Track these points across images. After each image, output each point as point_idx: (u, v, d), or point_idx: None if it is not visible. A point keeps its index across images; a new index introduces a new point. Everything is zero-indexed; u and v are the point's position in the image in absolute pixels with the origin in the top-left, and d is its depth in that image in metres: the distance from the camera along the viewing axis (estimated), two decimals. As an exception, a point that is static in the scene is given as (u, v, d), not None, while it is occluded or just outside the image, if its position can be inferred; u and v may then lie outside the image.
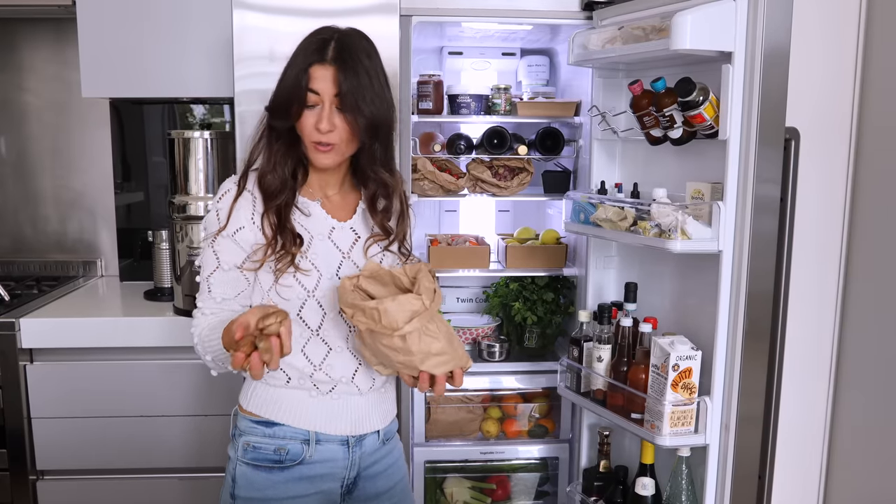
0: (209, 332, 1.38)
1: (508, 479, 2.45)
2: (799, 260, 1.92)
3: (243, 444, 1.44)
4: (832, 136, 1.93)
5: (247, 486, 1.42)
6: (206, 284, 1.43)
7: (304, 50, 1.39)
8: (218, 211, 1.43)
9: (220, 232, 1.41)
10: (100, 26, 2.11)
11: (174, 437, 2.11)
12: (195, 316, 1.44)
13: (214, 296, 1.42)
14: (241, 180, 1.44)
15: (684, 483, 1.81)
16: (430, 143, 2.33)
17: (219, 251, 1.41)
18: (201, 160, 2.14)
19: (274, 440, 1.42)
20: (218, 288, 1.42)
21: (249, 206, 1.42)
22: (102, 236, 2.68)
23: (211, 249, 1.42)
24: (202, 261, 1.44)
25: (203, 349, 1.40)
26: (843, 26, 1.89)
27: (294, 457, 1.42)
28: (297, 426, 1.43)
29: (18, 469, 2.08)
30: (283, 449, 1.42)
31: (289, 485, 1.42)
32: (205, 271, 1.43)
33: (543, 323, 2.41)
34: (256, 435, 1.43)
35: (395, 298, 1.30)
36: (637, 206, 1.79)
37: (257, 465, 1.42)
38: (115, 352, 2.08)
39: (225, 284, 1.42)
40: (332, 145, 1.39)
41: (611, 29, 1.85)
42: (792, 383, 1.97)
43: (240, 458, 1.43)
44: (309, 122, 1.37)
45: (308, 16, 1.91)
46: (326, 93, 1.36)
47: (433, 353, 1.33)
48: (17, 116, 2.63)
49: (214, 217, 1.43)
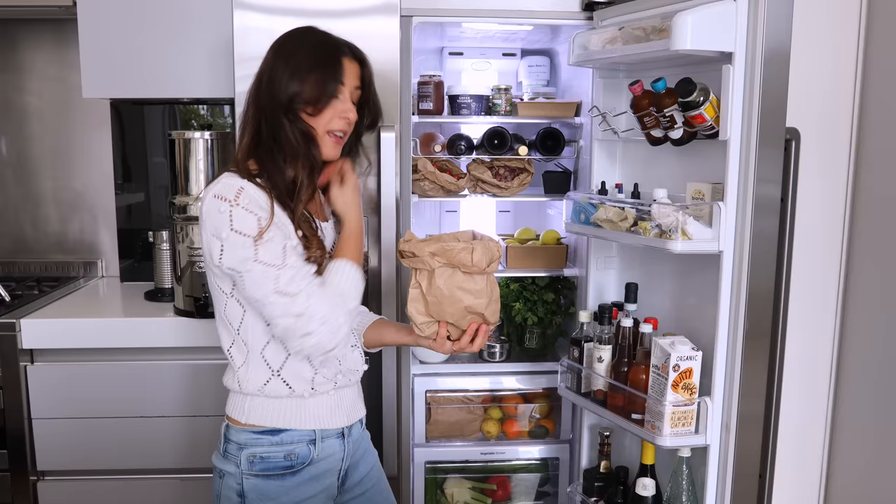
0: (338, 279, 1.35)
1: (509, 480, 2.45)
2: (799, 260, 1.92)
3: (248, 456, 1.40)
4: (833, 136, 1.93)
5: (259, 498, 1.40)
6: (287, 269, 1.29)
7: (324, 46, 1.39)
8: (246, 208, 1.29)
9: (267, 224, 1.29)
10: (100, 27, 2.11)
11: (175, 437, 2.11)
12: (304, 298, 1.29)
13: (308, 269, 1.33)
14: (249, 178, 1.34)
15: (685, 483, 1.81)
16: (430, 144, 2.33)
17: (274, 236, 1.30)
18: (202, 161, 2.14)
19: (282, 447, 1.41)
20: (300, 261, 1.33)
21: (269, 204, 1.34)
22: (103, 237, 2.68)
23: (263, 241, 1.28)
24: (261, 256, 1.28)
25: (342, 308, 1.34)
26: (844, 26, 1.89)
27: (303, 459, 1.42)
28: (304, 427, 1.42)
29: (19, 469, 2.08)
30: (292, 454, 1.41)
31: (300, 488, 1.42)
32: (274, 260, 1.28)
33: (544, 323, 2.41)
34: (263, 445, 1.40)
35: (482, 241, 1.41)
36: (638, 206, 1.79)
37: (268, 475, 1.40)
38: (116, 352, 2.08)
39: (300, 257, 1.34)
40: (345, 135, 1.43)
41: (611, 29, 1.85)
42: (792, 383, 1.97)
43: (246, 472, 1.40)
44: (335, 112, 1.38)
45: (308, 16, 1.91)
46: (350, 85, 1.41)
47: (494, 298, 1.45)
48: (18, 117, 2.63)
49: (245, 214, 1.29)
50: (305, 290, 1.30)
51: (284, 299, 1.28)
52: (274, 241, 1.30)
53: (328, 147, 1.41)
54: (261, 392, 1.40)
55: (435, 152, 2.32)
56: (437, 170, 2.24)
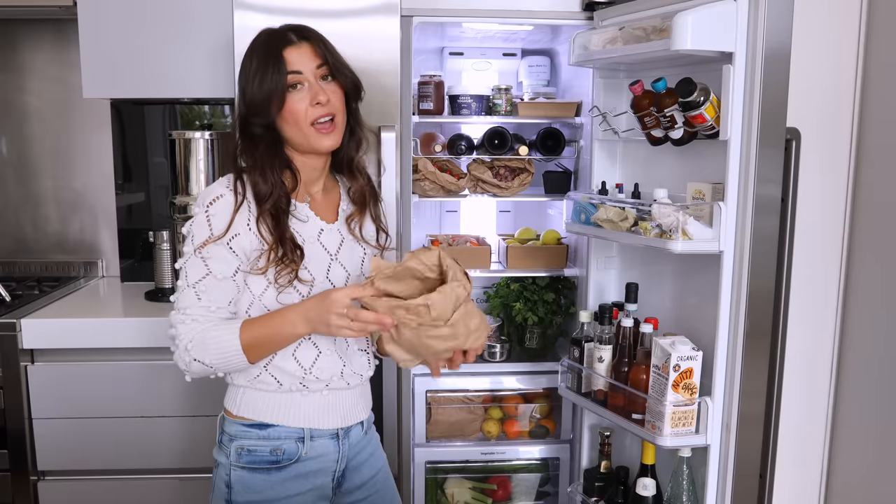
0: (215, 334, 1.35)
1: (509, 480, 2.45)
2: (800, 260, 1.92)
3: (236, 448, 1.42)
4: (833, 136, 1.93)
5: (244, 490, 1.41)
6: (192, 291, 1.36)
7: (265, 44, 1.40)
8: (209, 217, 1.36)
9: (213, 240, 1.35)
10: (101, 27, 2.11)
11: (175, 437, 2.11)
12: (180, 321, 1.36)
13: (207, 304, 1.36)
14: (235, 185, 1.38)
15: (685, 483, 1.81)
16: (430, 144, 2.33)
17: (210, 259, 1.35)
18: (202, 161, 2.14)
19: (269, 441, 1.42)
20: (210, 295, 1.36)
21: (245, 211, 1.37)
22: (103, 237, 2.68)
23: (199, 258, 1.35)
24: (187, 267, 1.37)
25: (201, 352, 1.35)
26: (844, 26, 1.89)
27: (290, 456, 1.42)
28: (292, 425, 1.43)
29: (19, 469, 2.08)
30: (279, 449, 1.42)
31: (286, 484, 1.42)
32: (191, 277, 1.36)
33: (544, 323, 2.41)
34: (251, 438, 1.42)
35: (441, 290, 1.30)
36: (638, 206, 1.79)
37: (254, 468, 1.41)
38: (117, 352, 2.07)
39: (217, 292, 1.37)
40: (332, 120, 1.40)
41: (611, 29, 1.85)
42: (793, 383, 1.97)
43: (234, 463, 1.42)
44: (301, 105, 1.37)
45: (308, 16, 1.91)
46: (308, 69, 1.38)
47: (473, 329, 1.36)
48: (18, 117, 2.62)
49: (205, 223, 1.36)
50: (185, 318, 1.36)
51: (175, 311, 1.38)
52: (206, 260, 1.35)
53: (319, 139, 1.40)
54: (251, 384, 1.43)
55: (435, 152, 2.32)
56: (438, 170, 2.24)
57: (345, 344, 1.47)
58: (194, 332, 1.35)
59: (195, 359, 1.35)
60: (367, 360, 1.54)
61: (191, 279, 1.36)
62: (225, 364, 1.37)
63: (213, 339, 1.35)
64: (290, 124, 1.39)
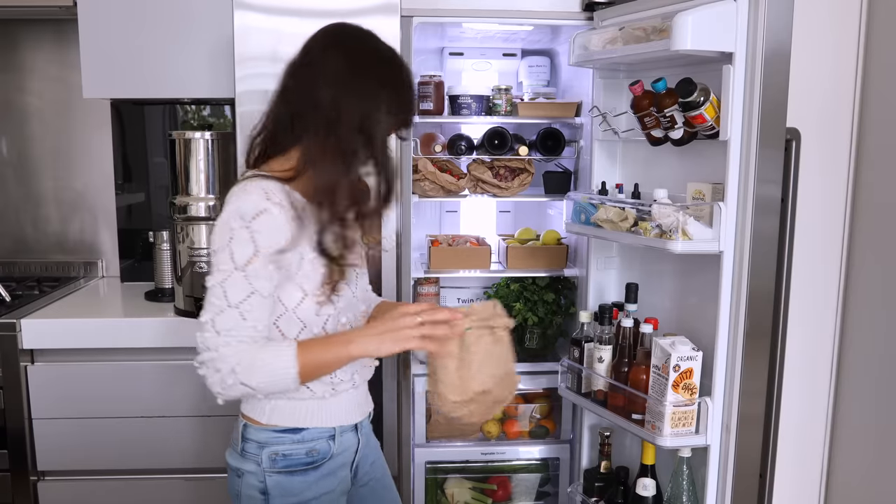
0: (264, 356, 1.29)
1: (509, 480, 2.45)
2: (800, 260, 1.92)
3: (270, 454, 1.40)
4: (833, 136, 1.93)
5: (283, 494, 1.40)
6: (235, 312, 1.27)
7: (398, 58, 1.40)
8: (253, 233, 1.26)
9: (259, 258, 1.27)
10: (101, 27, 2.11)
11: (175, 437, 2.11)
12: (223, 343, 1.27)
13: (253, 324, 1.29)
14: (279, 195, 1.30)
15: (685, 484, 1.81)
16: (430, 144, 2.33)
17: (254, 277, 1.27)
18: (202, 161, 2.14)
19: (304, 444, 1.42)
20: (255, 314, 1.29)
21: (289, 225, 1.29)
22: (103, 237, 2.68)
23: (242, 275, 1.27)
24: (226, 286, 1.27)
25: (247, 375, 1.27)
26: (844, 26, 1.89)
27: (324, 454, 1.43)
28: (325, 425, 1.44)
29: (19, 470, 2.08)
30: (314, 450, 1.42)
31: (321, 482, 1.43)
32: (233, 297, 1.27)
33: (544, 323, 2.41)
34: (285, 443, 1.41)
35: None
36: (638, 206, 1.79)
37: (291, 471, 1.41)
38: (116, 353, 2.08)
39: (262, 311, 1.30)
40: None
41: (611, 29, 1.85)
42: (793, 383, 1.97)
43: (269, 470, 1.40)
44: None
45: (309, 16, 1.91)
46: None
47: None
48: (19, 117, 2.63)
49: (248, 239, 1.26)
50: (230, 340, 1.28)
51: (212, 332, 1.28)
52: (250, 279, 1.27)
53: None
54: (283, 395, 1.40)
55: (435, 152, 2.32)
56: (438, 170, 2.24)
57: None
58: (242, 353, 1.28)
59: (242, 382, 1.28)
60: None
61: (233, 299, 1.27)
62: (271, 386, 1.31)
63: (262, 361, 1.29)
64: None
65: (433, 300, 2.54)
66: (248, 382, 1.28)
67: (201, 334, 1.29)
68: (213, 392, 1.30)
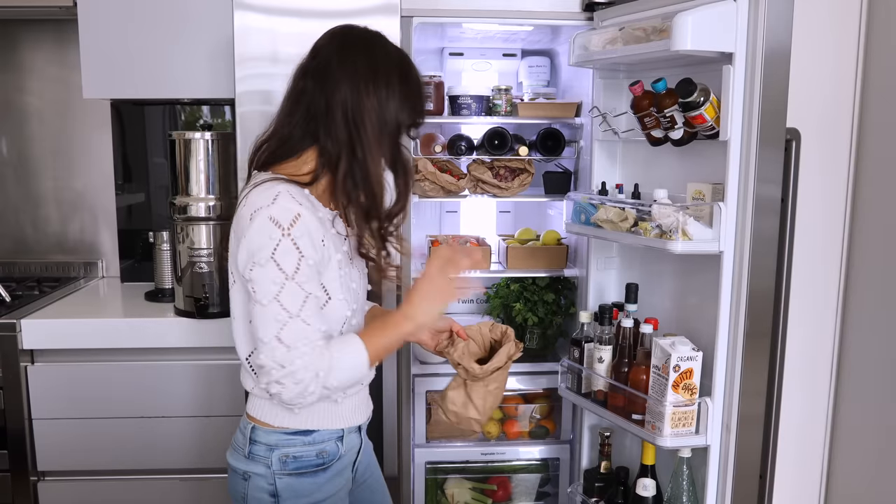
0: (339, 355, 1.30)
1: (509, 480, 2.45)
2: (800, 260, 1.92)
3: (280, 457, 1.40)
4: (833, 136, 1.93)
5: (293, 496, 1.40)
6: (299, 321, 1.26)
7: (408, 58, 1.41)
8: (294, 240, 1.26)
9: (306, 263, 1.28)
10: (101, 27, 2.11)
11: (175, 438, 2.11)
12: (298, 356, 1.25)
13: (318, 327, 1.29)
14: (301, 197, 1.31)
15: (685, 484, 1.81)
16: (430, 144, 2.33)
17: (305, 283, 1.28)
18: (202, 161, 2.14)
19: (314, 446, 1.42)
20: (315, 318, 1.29)
21: (320, 226, 1.32)
22: (103, 237, 2.68)
23: (295, 284, 1.26)
24: (281, 298, 1.26)
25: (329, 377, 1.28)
26: (844, 26, 1.89)
27: (332, 455, 1.44)
28: (334, 427, 1.44)
29: (19, 470, 2.08)
30: (324, 452, 1.43)
31: (329, 483, 1.44)
32: (292, 307, 1.26)
33: (544, 324, 2.41)
34: (295, 445, 1.41)
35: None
36: (638, 206, 1.79)
37: (302, 473, 1.41)
38: (116, 353, 2.08)
39: (318, 313, 1.31)
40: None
41: (611, 30, 1.85)
42: (793, 383, 1.97)
43: (278, 472, 1.39)
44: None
45: (309, 17, 1.91)
46: None
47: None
48: (19, 118, 2.63)
49: (292, 247, 1.26)
50: (302, 349, 1.27)
51: (281, 347, 1.26)
52: (302, 285, 1.28)
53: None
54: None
55: (435, 153, 2.32)
56: (438, 170, 2.24)
57: None
58: (319, 359, 1.27)
59: (324, 385, 1.28)
60: None
61: (292, 308, 1.27)
62: (349, 381, 1.34)
63: (339, 360, 1.30)
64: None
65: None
66: (329, 385, 1.29)
67: (268, 354, 1.26)
68: (291, 404, 1.30)
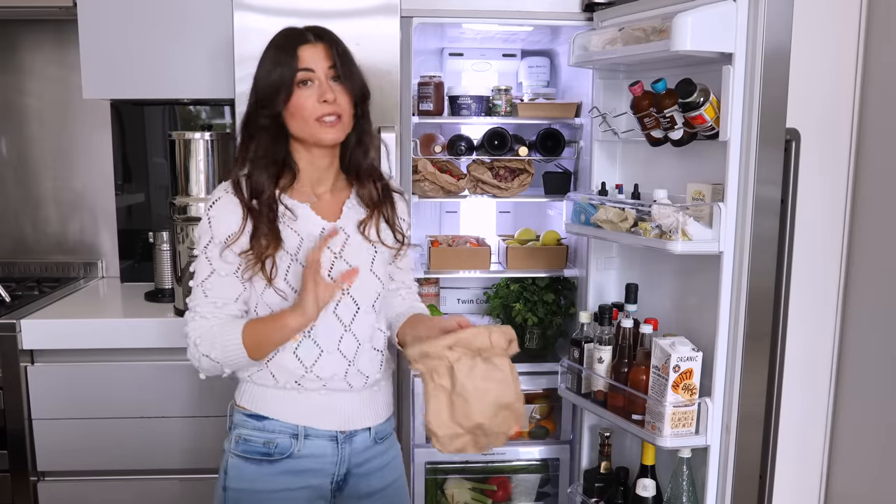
0: (221, 331, 1.40)
1: (509, 481, 2.45)
2: (800, 261, 1.92)
3: (236, 436, 1.46)
4: (833, 137, 1.93)
5: (238, 477, 1.45)
6: (200, 289, 1.43)
7: (283, 40, 1.43)
8: (210, 218, 1.42)
9: (214, 241, 1.41)
10: (101, 28, 2.11)
11: (175, 438, 2.11)
12: (191, 319, 1.43)
13: (213, 300, 1.42)
14: (234, 186, 1.43)
15: (685, 484, 1.81)
16: (430, 145, 2.33)
17: (212, 258, 1.42)
18: (202, 161, 2.14)
19: (263, 433, 1.45)
20: (215, 292, 1.42)
21: (241, 211, 1.41)
22: (103, 237, 2.68)
23: (204, 256, 1.42)
24: (195, 267, 1.44)
25: (208, 347, 1.40)
26: (844, 27, 1.89)
27: (282, 450, 1.44)
28: (286, 421, 1.45)
29: (19, 470, 2.08)
30: (271, 442, 1.44)
31: (277, 478, 1.44)
32: (198, 277, 1.43)
33: (544, 324, 2.41)
34: (248, 428, 1.46)
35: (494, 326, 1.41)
36: (638, 207, 1.79)
37: (248, 458, 1.44)
38: (116, 353, 2.07)
39: (222, 288, 1.42)
40: (338, 117, 1.42)
41: (611, 30, 1.85)
42: (793, 384, 1.97)
43: (232, 451, 1.46)
44: (309, 101, 1.40)
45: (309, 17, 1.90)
46: (320, 68, 1.41)
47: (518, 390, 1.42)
48: (18, 118, 2.63)
49: (206, 225, 1.42)
50: (196, 316, 1.43)
51: (188, 310, 1.45)
52: (211, 259, 1.42)
53: (322, 132, 1.42)
54: (251, 378, 1.47)
55: (435, 153, 2.32)
56: (438, 170, 2.24)
57: (355, 343, 1.47)
58: (203, 328, 1.41)
59: (204, 354, 1.40)
60: (380, 361, 1.52)
61: (198, 279, 1.43)
62: (230, 361, 1.41)
63: (219, 336, 1.40)
64: (295, 119, 1.42)
65: (433, 300, 2.55)
66: (209, 354, 1.40)
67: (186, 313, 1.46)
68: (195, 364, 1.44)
